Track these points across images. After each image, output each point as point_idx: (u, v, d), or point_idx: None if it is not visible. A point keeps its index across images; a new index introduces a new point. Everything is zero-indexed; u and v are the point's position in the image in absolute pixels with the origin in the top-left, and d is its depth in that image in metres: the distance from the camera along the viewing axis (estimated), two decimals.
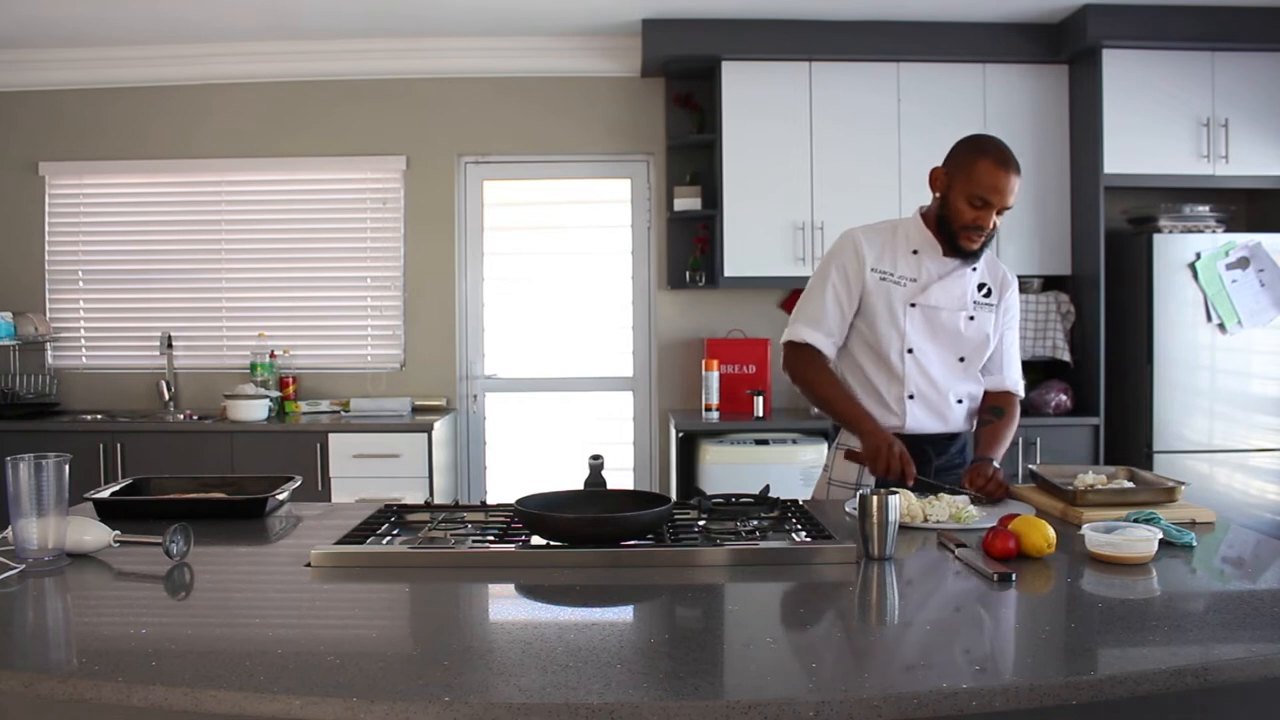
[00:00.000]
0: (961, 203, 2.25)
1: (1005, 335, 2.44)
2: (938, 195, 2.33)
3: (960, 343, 2.37)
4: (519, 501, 1.87)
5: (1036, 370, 4.57)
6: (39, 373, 4.78)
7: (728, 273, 4.43)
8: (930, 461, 2.37)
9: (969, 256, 2.32)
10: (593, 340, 4.92)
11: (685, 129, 4.69)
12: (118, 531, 1.77)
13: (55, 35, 4.50)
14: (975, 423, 2.43)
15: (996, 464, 2.24)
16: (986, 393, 2.44)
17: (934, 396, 2.36)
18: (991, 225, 2.26)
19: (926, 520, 1.98)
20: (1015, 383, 2.46)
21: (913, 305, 2.33)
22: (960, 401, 2.40)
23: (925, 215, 2.38)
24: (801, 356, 2.38)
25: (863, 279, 2.34)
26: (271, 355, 4.73)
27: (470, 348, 4.92)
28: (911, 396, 2.35)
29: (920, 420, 2.35)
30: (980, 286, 2.39)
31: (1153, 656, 1.24)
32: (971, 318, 2.36)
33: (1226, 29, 4.15)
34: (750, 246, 4.42)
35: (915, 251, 2.36)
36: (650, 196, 4.87)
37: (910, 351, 2.34)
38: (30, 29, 4.40)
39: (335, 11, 4.27)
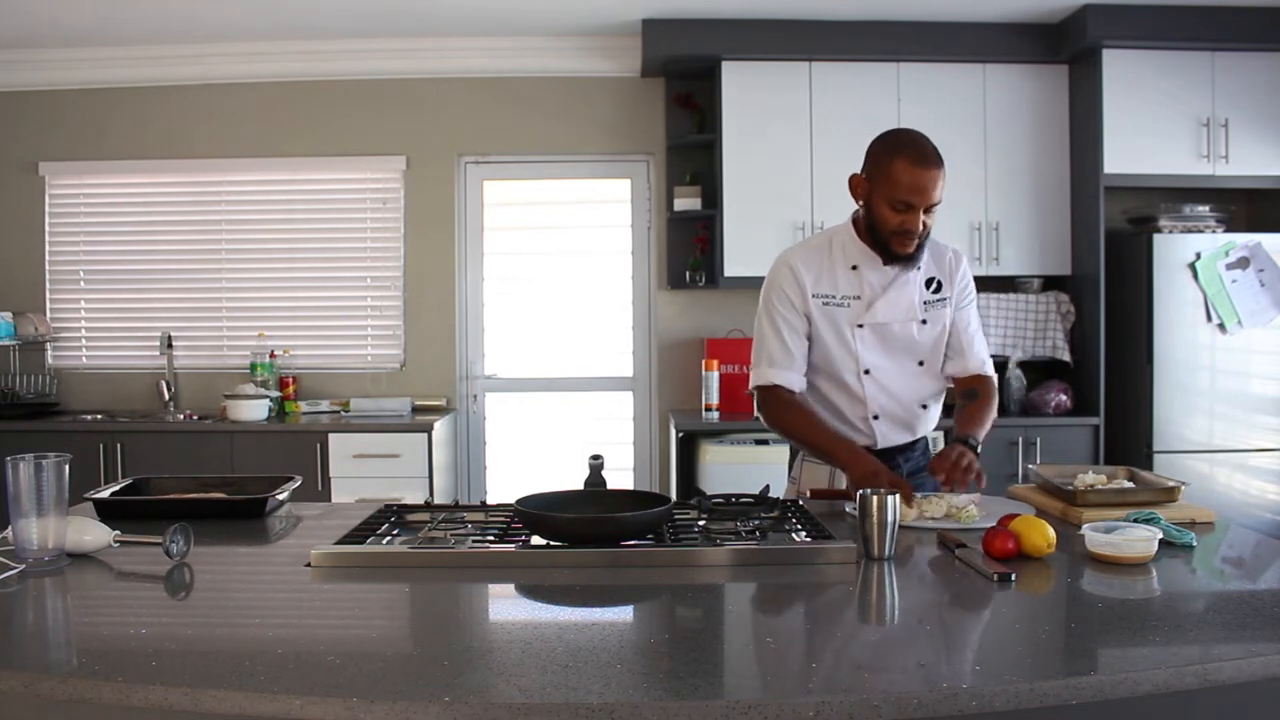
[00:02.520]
0: (884, 208, 2.11)
1: (959, 316, 2.29)
2: (861, 203, 2.20)
3: (917, 349, 2.28)
4: (519, 501, 1.87)
5: (1036, 370, 4.57)
6: (39, 373, 4.78)
7: (728, 273, 4.43)
8: (900, 469, 2.31)
9: (907, 261, 2.18)
10: (593, 340, 4.92)
11: (685, 129, 4.69)
12: (118, 531, 1.77)
13: (55, 35, 4.50)
14: (955, 411, 2.30)
15: (974, 443, 2.12)
16: (956, 379, 2.32)
17: (898, 411, 2.30)
18: (922, 226, 2.11)
19: (924, 515, 1.98)
20: (982, 363, 2.31)
21: (860, 326, 2.24)
22: (925, 406, 2.33)
23: (856, 224, 2.24)
24: (772, 400, 2.27)
25: (806, 305, 2.24)
26: (271, 355, 4.73)
27: (470, 348, 4.92)
28: (876, 417, 2.29)
29: (889, 435, 2.31)
30: (930, 283, 2.27)
31: (1153, 656, 1.24)
32: (924, 322, 2.26)
33: (1226, 29, 4.15)
34: (750, 246, 4.41)
35: (855, 267, 2.23)
36: (650, 196, 4.87)
37: (867, 372, 2.25)
38: (30, 29, 4.40)
39: (335, 11, 4.27)
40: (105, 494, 2.10)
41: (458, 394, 4.88)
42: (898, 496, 1.74)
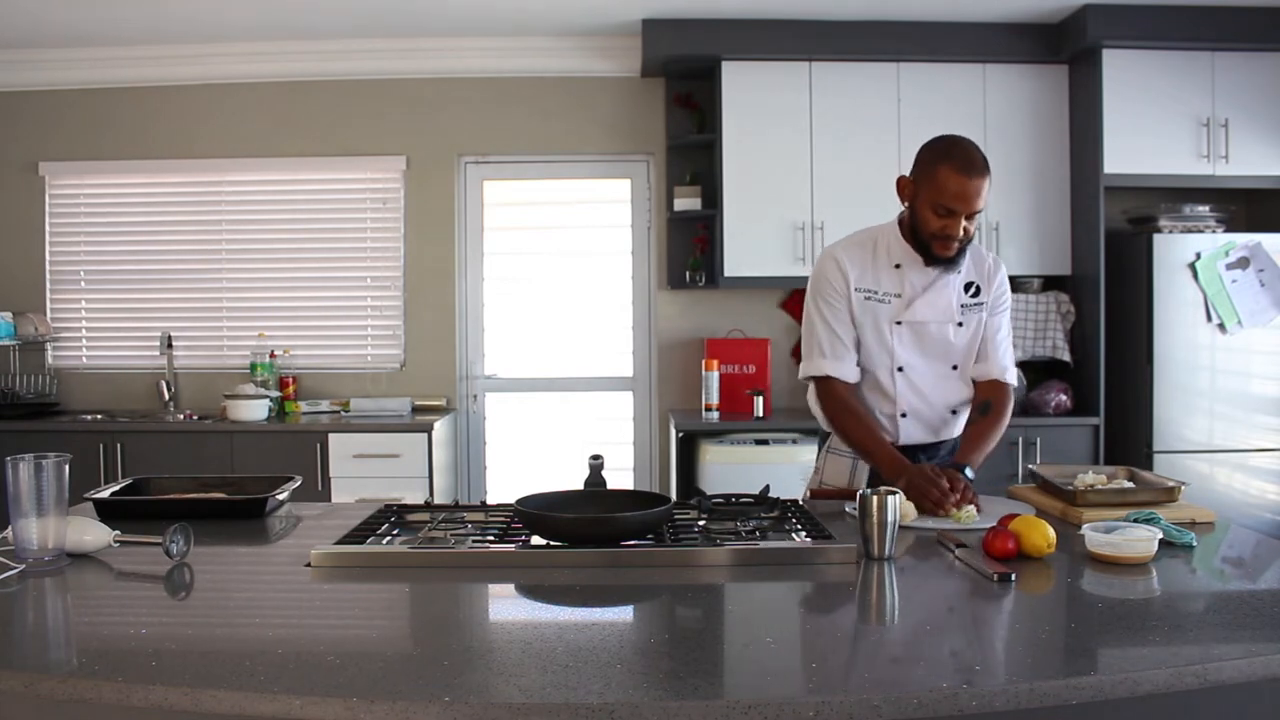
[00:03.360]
0: (927, 211, 2.17)
1: (990, 321, 2.33)
2: (905, 205, 2.25)
3: (951, 352, 2.31)
4: (519, 501, 1.87)
5: (1036, 370, 4.57)
6: (39, 373, 4.78)
7: (728, 273, 4.43)
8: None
9: (948, 264, 2.24)
10: (593, 340, 4.92)
11: (685, 129, 4.69)
12: (118, 531, 1.77)
13: (55, 35, 4.50)
14: (964, 425, 2.34)
15: (970, 474, 2.13)
16: (976, 383, 2.34)
17: (927, 412, 2.33)
18: (963, 232, 2.16)
19: (923, 515, 1.99)
20: (1004, 370, 2.33)
21: (899, 323, 2.28)
22: (954, 412, 2.36)
23: (902, 224, 2.30)
24: (827, 393, 2.31)
25: (849, 298, 2.28)
26: (271, 355, 4.73)
27: (470, 348, 4.92)
28: (904, 415, 2.32)
29: (914, 435, 2.33)
30: (968, 287, 2.31)
31: (1153, 656, 1.24)
32: (960, 324, 2.30)
33: (1226, 29, 4.15)
34: (750, 246, 4.41)
35: (898, 265, 2.28)
36: (650, 196, 4.87)
37: (900, 370, 2.29)
38: (30, 29, 4.40)
39: (335, 11, 4.27)
40: (105, 494, 2.10)
41: (458, 394, 4.88)
42: (899, 496, 1.74)
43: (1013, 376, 2.35)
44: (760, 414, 4.36)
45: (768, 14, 4.30)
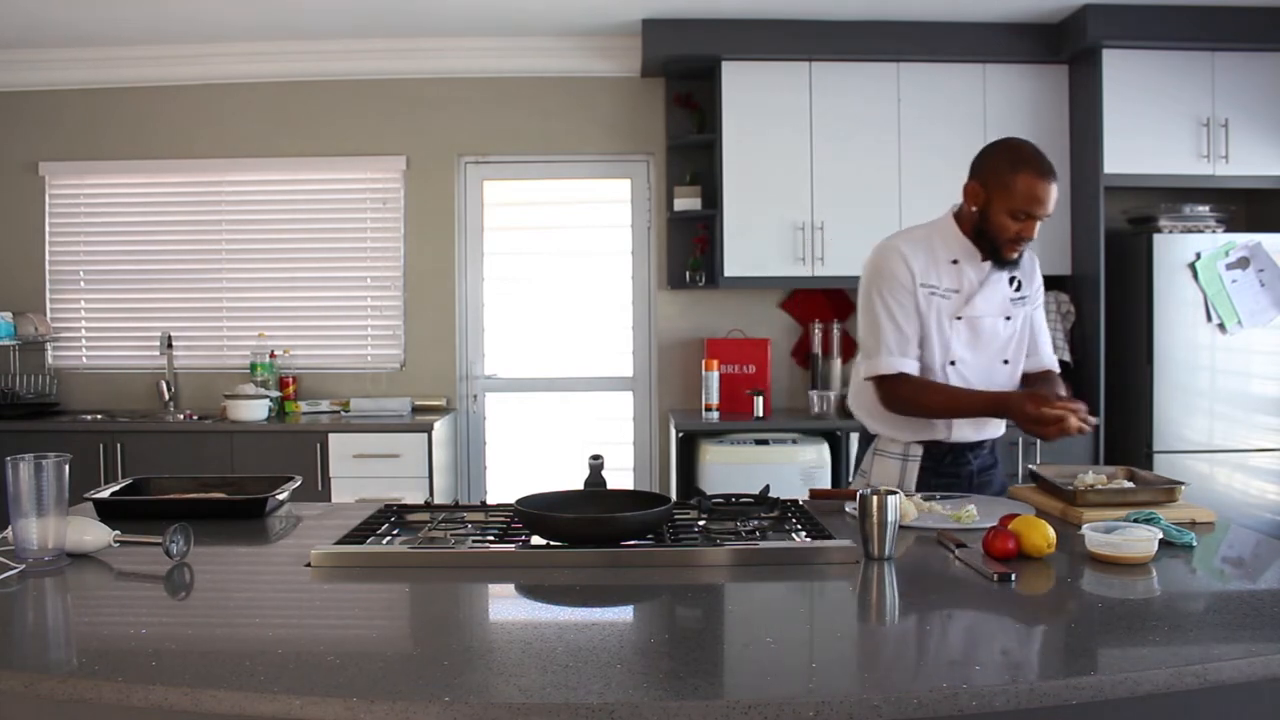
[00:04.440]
0: (1003, 217, 2.18)
1: (1035, 315, 2.39)
2: (974, 209, 2.25)
3: (1002, 347, 2.33)
4: (519, 501, 1.87)
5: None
6: (39, 373, 4.78)
7: (728, 273, 4.43)
8: (970, 465, 2.36)
9: (1013, 265, 2.28)
10: (593, 340, 4.92)
11: (685, 129, 4.69)
12: (118, 531, 1.77)
13: (55, 35, 4.50)
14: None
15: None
16: (1026, 375, 2.40)
17: None
18: (1034, 233, 2.21)
19: (928, 512, 1.99)
20: (1050, 359, 2.43)
21: (958, 318, 2.28)
22: None
23: (959, 218, 2.30)
24: (899, 385, 2.28)
25: (914, 292, 2.27)
26: (271, 355, 4.73)
27: (470, 348, 4.92)
28: (971, 389, 2.31)
29: (964, 432, 2.33)
30: (1011, 281, 2.33)
31: (1153, 656, 1.24)
32: (1009, 318, 2.33)
33: (1226, 29, 4.15)
34: (750, 246, 4.41)
35: (955, 261, 2.29)
36: (650, 196, 4.87)
37: (953, 364, 2.30)
38: (30, 29, 4.40)
39: (335, 11, 4.27)
40: (105, 494, 2.10)
41: (458, 394, 4.88)
42: (899, 496, 1.74)
43: (1057, 365, 2.45)
44: (760, 414, 4.36)
45: (768, 14, 4.30)
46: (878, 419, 2.40)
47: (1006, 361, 2.35)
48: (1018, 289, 2.35)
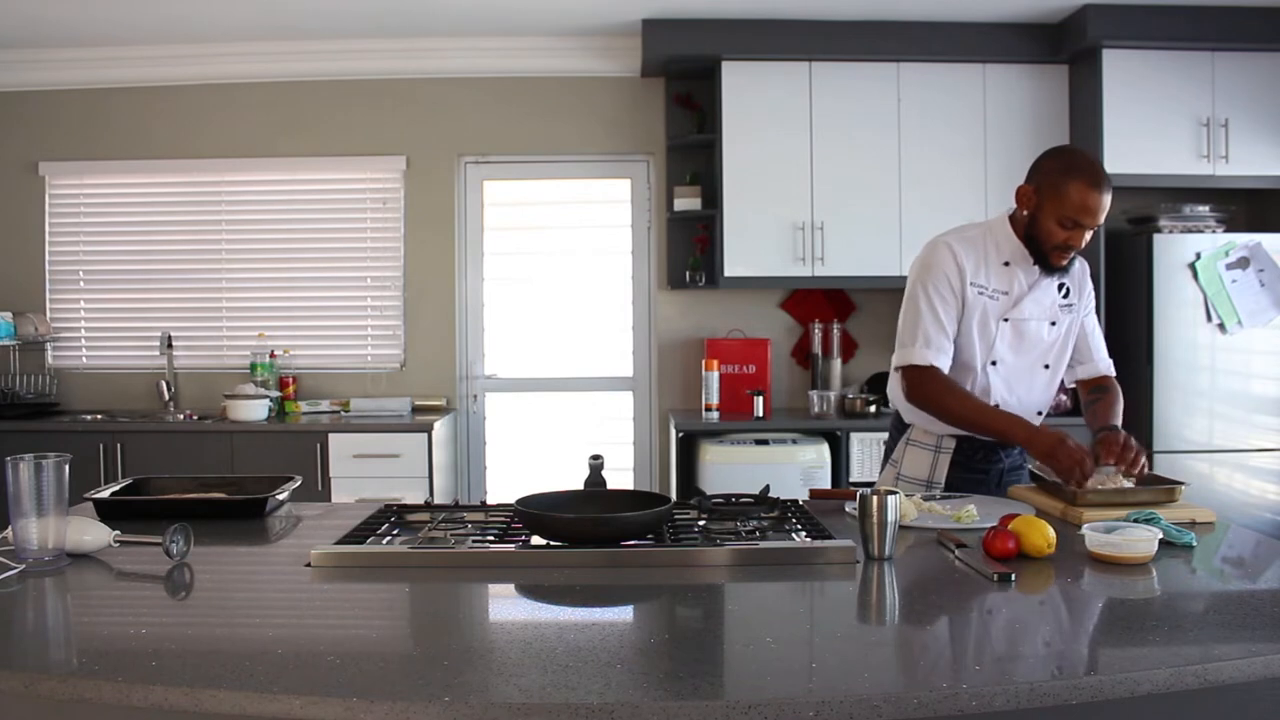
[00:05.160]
0: (1052, 224, 2.18)
1: (1086, 321, 2.40)
2: (1025, 213, 2.25)
3: (1045, 351, 2.34)
4: (519, 501, 1.87)
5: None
6: (39, 373, 4.78)
7: (728, 273, 4.43)
8: (1001, 463, 2.37)
9: (1062, 273, 2.28)
10: (593, 340, 4.92)
11: (685, 129, 4.69)
12: (118, 531, 1.77)
13: (55, 35, 4.50)
14: (1084, 407, 2.42)
15: (1120, 427, 2.22)
16: (1082, 382, 2.43)
17: (1016, 407, 2.32)
18: (1083, 243, 2.20)
19: (928, 512, 1.99)
20: (1107, 365, 2.44)
21: (1005, 320, 2.29)
22: (1040, 414, 2.38)
23: (1013, 221, 2.30)
24: (927, 379, 2.28)
25: (963, 291, 2.27)
26: (271, 355, 4.73)
27: (470, 348, 4.92)
28: (996, 407, 2.31)
29: None
30: (1060, 287, 2.34)
31: (1153, 656, 1.24)
32: (1054, 323, 2.33)
33: (1226, 29, 4.15)
34: (750, 246, 4.41)
35: (1006, 263, 2.29)
36: (650, 196, 4.87)
37: (994, 364, 2.30)
38: (30, 29, 4.40)
39: (335, 11, 4.27)
40: (105, 494, 2.10)
41: (458, 394, 4.88)
42: (899, 496, 1.74)
43: (1112, 370, 2.47)
44: (760, 414, 4.36)
45: (768, 14, 4.30)
46: (915, 409, 2.39)
47: (1047, 366, 2.36)
48: (1066, 296, 2.35)
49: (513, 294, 4.92)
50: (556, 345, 4.91)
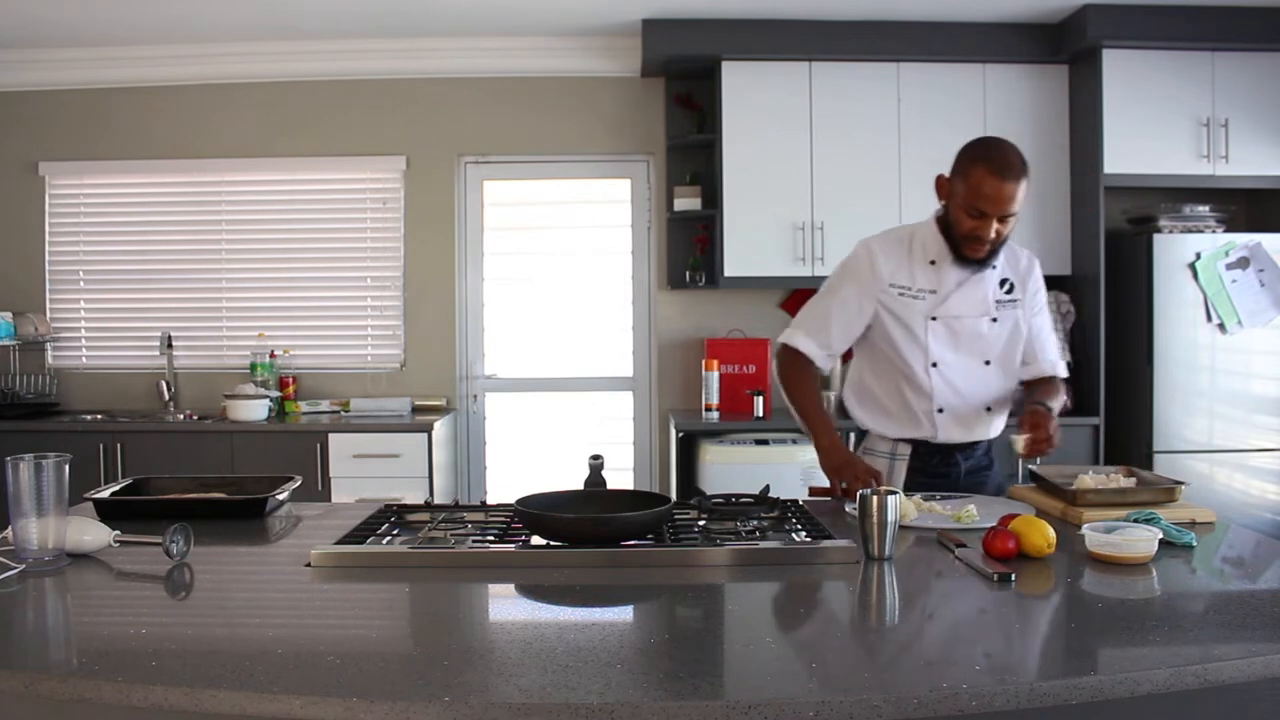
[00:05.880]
0: (960, 212, 2.20)
1: (1034, 322, 2.38)
2: (942, 203, 2.28)
3: (984, 347, 2.32)
4: (519, 501, 1.87)
5: None
6: (39, 373, 4.78)
7: (728, 273, 4.43)
8: (959, 466, 2.37)
9: (978, 265, 2.26)
10: (593, 340, 4.92)
11: (685, 129, 4.69)
12: (118, 531, 1.77)
13: (55, 35, 4.50)
14: (1022, 402, 2.39)
15: (1054, 411, 2.22)
16: (1026, 383, 2.39)
17: (963, 408, 2.33)
18: (995, 234, 2.19)
19: (928, 512, 1.99)
20: (1054, 365, 2.40)
21: (934, 319, 2.28)
22: (990, 409, 2.36)
23: (939, 221, 2.32)
24: (789, 360, 2.37)
25: (877, 295, 2.30)
26: (271, 355, 4.73)
27: (470, 348, 4.92)
28: (941, 410, 2.31)
29: (951, 432, 2.33)
30: (1003, 283, 2.33)
31: (1153, 656, 1.24)
32: (994, 319, 2.31)
33: (1226, 29, 4.15)
34: (750, 246, 4.41)
35: (933, 262, 2.30)
36: (650, 196, 4.86)
37: (935, 365, 2.30)
38: (30, 29, 4.40)
39: (335, 11, 4.27)
40: (105, 494, 2.10)
41: (458, 394, 4.88)
42: (899, 496, 1.74)
43: (1063, 370, 2.42)
44: (760, 414, 4.36)
45: (768, 14, 4.30)
46: (868, 415, 2.43)
47: (989, 363, 2.33)
48: (1009, 291, 2.33)
49: (513, 294, 4.92)
50: (556, 345, 4.91)
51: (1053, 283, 4.50)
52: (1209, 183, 4.29)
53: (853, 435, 4.30)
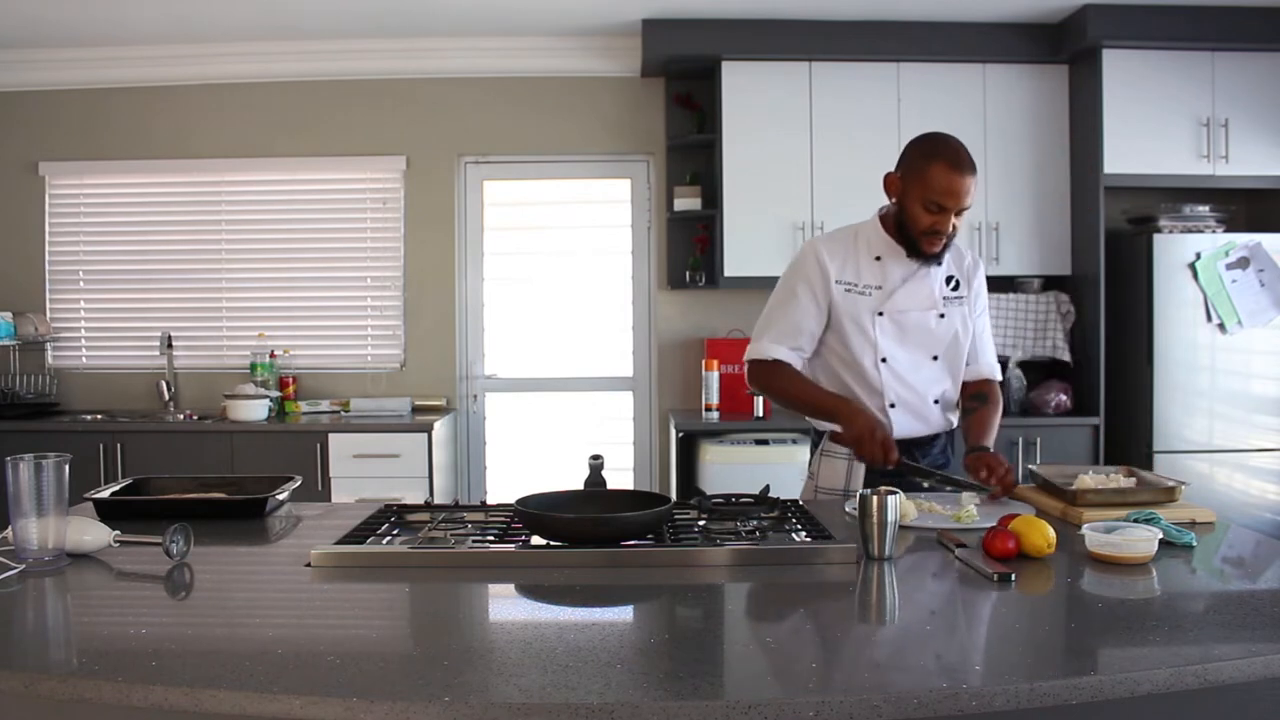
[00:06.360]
0: (917, 208, 2.22)
1: (976, 322, 2.41)
2: (894, 200, 2.30)
3: (932, 342, 2.34)
4: (519, 501, 1.87)
5: (1036, 370, 4.57)
6: (39, 373, 4.78)
7: (728, 273, 4.43)
8: (917, 463, 2.35)
9: (931, 259, 2.29)
10: (593, 340, 4.92)
11: (685, 129, 4.69)
12: (118, 531, 1.76)
13: (55, 35, 4.50)
14: (959, 413, 2.42)
15: (992, 447, 2.25)
16: (964, 383, 2.42)
17: (913, 400, 2.35)
18: (951, 227, 2.22)
19: (928, 512, 1.99)
20: (990, 368, 2.45)
21: (880, 314, 2.30)
22: (936, 401, 2.38)
23: (884, 219, 2.35)
24: (766, 371, 2.36)
25: (829, 292, 2.32)
26: (271, 355, 4.73)
27: (470, 348, 4.92)
28: (893, 405, 2.33)
29: (904, 425, 2.34)
30: (949, 280, 2.36)
31: (1153, 656, 1.24)
32: (942, 315, 2.33)
33: (1226, 29, 4.15)
34: (750, 246, 4.41)
35: (878, 258, 2.32)
36: (650, 196, 4.87)
37: (884, 361, 2.31)
38: (30, 29, 4.40)
39: (335, 11, 4.27)
40: (105, 494, 2.10)
41: (458, 394, 4.88)
42: (899, 496, 1.74)
43: (998, 373, 2.49)
44: (760, 414, 4.36)
45: (768, 14, 4.30)
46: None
47: (936, 358, 2.36)
48: (955, 288, 2.37)
49: (513, 294, 4.92)
50: (556, 345, 4.91)
51: (1053, 283, 4.57)
52: (1209, 183, 4.29)
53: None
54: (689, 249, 4.72)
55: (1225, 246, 4.15)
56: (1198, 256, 4.15)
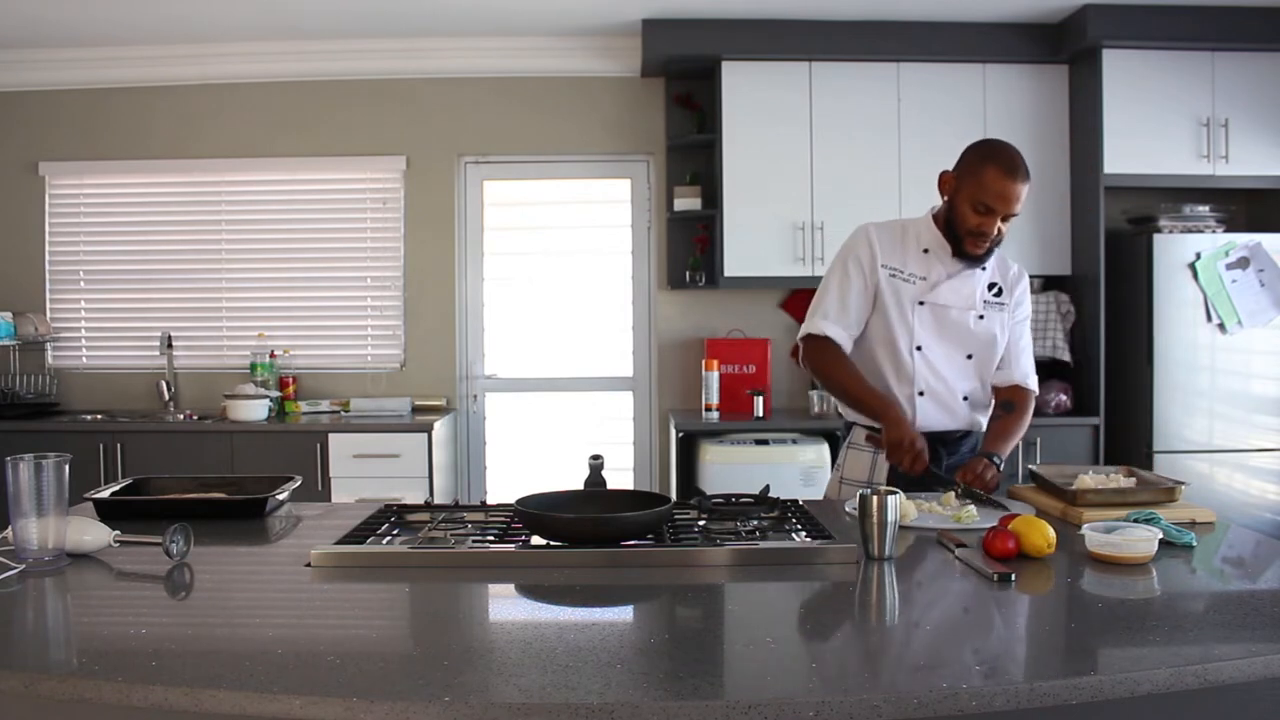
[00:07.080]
0: (966, 208, 2.27)
1: (1014, 329, 2.44)
2: (946, 199, 2.34)
3: (969, 341, 2.38)
4: (519, 501, 1.87)
5: (1037, 370, 4.55)
6: (39, 373, 4.78)
7: (728, 273, 4.43)
8: (941, 460, 2.38)
9: (975, 260, 2.33)
10: (593, 340, 4.92)
11: (685, 129, 4.69)
12: (118, 531, 1.77)
13: (55, 35, 4.50)
14: (989, 422, 2.44)
15: (998, 461, 2.26)
16: (997, 388, 2.44)
17: (943, 392, 2.38)
18: (997, 231, 2.27)
19: (928, 512, 1.99)
20: (1025, 376, 2.46)
21: (921, 303, 2.35)
22: (965, 398, 2.41)
23: (936, 217, 2.39)
24: (820, 348, 2.39)
25: (876, 273, 2.36)
26: (271, 355, 4.73)
27: (470, 348, 4.92)
28: (921, 393, 2.37)
29: (930, 416, 2.37)
30: (991, 286, 2.41)
31: (1153, 656, 1.24)
32: (981, 317, 2.38)
33: (1226, 29, 4.15)
34: (750, 246, 4.42)
35: (926, 250, 2.37)
36: (650, 196, 4.87)
37: (919, 349, 2.36)
38: (30, 29, 4.40)
39: (335, 11, 4.27)
40: (105, 494, 2.10)
41: (458, 394, 4.88)
42: (899, 496, 1.74)
43: (1034, 383, 2.49)
44: (760, 414, 4.36)
45: (768, 14, 4.30)
46: (853, 414, 2.47)
47: (970, 356, 2.40)
48: (997, 294, 2.41)
49: (513, 294, 4.92)
50: (556, 345, 4.91)
51: (1053, 283, 4.56)
52: (1209, 183, 4.29)
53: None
54: (689, 249, 4.72)
55: (1225, 246, 4.15)
56: (1198, 256, 4.15)
